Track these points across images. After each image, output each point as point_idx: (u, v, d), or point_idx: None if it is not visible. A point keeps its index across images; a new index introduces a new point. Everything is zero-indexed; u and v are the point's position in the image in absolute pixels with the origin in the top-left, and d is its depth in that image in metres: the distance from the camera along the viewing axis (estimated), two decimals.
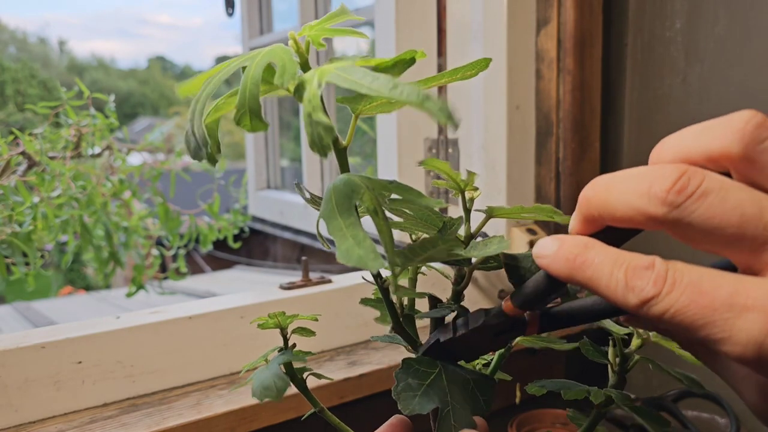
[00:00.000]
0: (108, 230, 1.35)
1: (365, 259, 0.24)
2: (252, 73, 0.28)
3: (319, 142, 0.25)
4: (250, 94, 0.27)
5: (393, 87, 0.25)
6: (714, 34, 0.82)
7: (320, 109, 0.26)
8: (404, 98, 0.24)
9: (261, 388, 0.36)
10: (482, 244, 0.31)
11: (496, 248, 0.30)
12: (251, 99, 0.27)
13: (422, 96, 0.24)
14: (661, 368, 0.35)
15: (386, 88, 0.25)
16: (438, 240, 0.28)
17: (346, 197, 0.27)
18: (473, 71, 0.31)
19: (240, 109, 0.27)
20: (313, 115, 0.25)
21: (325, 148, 0.25)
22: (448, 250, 0.29)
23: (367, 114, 0.34)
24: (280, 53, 0.28)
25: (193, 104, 0.30)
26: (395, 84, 0.25)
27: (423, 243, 0.28)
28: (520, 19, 0.91)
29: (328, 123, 0.25)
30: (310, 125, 0.25)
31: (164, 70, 30.45)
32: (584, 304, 0.30)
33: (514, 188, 0.94)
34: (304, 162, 1.69)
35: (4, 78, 12.70)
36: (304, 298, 0.76)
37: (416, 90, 0.25)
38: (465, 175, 0.34)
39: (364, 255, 0.24)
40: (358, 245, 0.25)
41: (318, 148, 0.25)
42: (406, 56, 0.31)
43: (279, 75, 0.27)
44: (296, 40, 0.29)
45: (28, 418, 0.61)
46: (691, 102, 0.85)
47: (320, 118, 0.25)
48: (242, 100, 0.27)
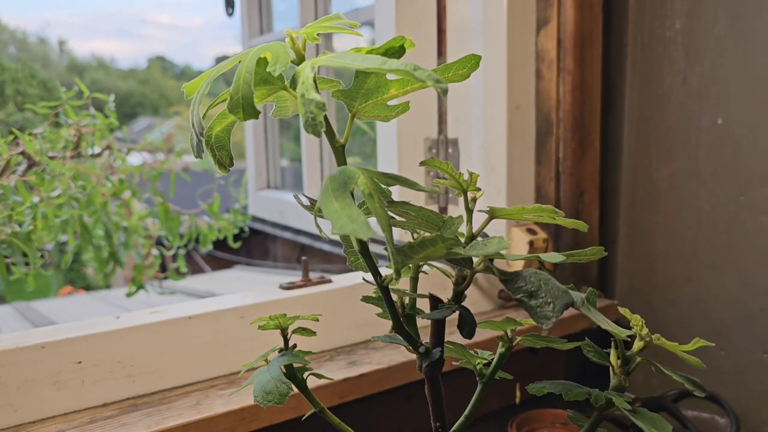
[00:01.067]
0: (108, 230, 1.35)
1: (357, 230, 0.25)
2: (247, 62, 0.29)
3: (312, 120, 0.26)
4: (244, 82, 0.28)
5: (383, 62, 0.26)
6: (714, 34, 0.82)
7: (312, 88, 0.27)
8: (394, 68, 0.26)
9: (263, 392, 0.36)
10: (482, 244, 0.31)
11: (496, 248, 0.30)
12: (245, 86, 0.28)
13: (411, 65, 0.26)
14: (662, 371, 0.35)
15: (377, 63, 0.26)
16: (438, 239, 0.28)
17: (342, 184, 0.28)
18: (465, 70, 0.32)
19: (234, 95, 0.28)
20: (306, 94, 0.27)
21: (318, 126, 0.26)
22: (448, 248, 0.29)
23: (365, 116, 0.34)
24: (275, 46, 0.29)
25: (193, 99, 0.30)
26: (384, 60, 0.27)
27: (423, 241, 0.28)
28: (520, 19, 0.91)
29: (321, 100, 0.26)
30: (304, 104, 0.26)
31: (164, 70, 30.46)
32: None
33: (514, 188, 0.94)
34: (304, 162, 1.69)
35: (4, 78, 12.69)
36: (304, 298, 0.76)
37: (404, 61, 0.26)
38: (467, 176, 0.34)
39: (357, 227, 0.25)
40: (352, 221, 0.26)
41: (311, 126, 0.26)
42: (395, 43, 0.31)
43: (272, 63, 0.28)
44: (292, 37, 0.30)
45: (28, 418, 0.60)
46: (691, 102, 0.85)
47: (312, 96, 0.26)
48: (236, 88, 0.28)
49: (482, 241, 0.31)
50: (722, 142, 0.82)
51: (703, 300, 0.86)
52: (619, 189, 0.97)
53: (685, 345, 0.34)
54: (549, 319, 0.30)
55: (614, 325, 0.34)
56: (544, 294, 0.31)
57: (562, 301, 0.31)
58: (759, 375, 0.81)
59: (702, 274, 0.86)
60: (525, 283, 0.31)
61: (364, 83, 0.32)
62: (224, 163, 0.33)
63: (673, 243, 0.89)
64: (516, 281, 0.31)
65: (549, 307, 0.30)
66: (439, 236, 0.28)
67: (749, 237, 0.80)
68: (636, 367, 0.36)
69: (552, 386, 0.37)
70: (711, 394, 0.85)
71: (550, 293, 0.31)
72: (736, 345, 0.83)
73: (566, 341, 0.40)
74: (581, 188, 0.95)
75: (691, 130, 0.86)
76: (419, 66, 0.26)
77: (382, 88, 0.33)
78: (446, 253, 0.29)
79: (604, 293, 1.00)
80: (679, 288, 0.89)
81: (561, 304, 0.30)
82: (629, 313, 0.36)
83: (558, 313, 0.30)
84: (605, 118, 0.96)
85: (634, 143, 0.94)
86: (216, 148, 0.33)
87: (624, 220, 0.96)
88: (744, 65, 0.79)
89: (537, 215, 0.34)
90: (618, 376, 0.36)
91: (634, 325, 0.35)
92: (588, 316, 0.33)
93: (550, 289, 0.31)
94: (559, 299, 0.31)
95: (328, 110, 0.27)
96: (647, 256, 0.93)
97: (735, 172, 0.81)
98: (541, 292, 0.31)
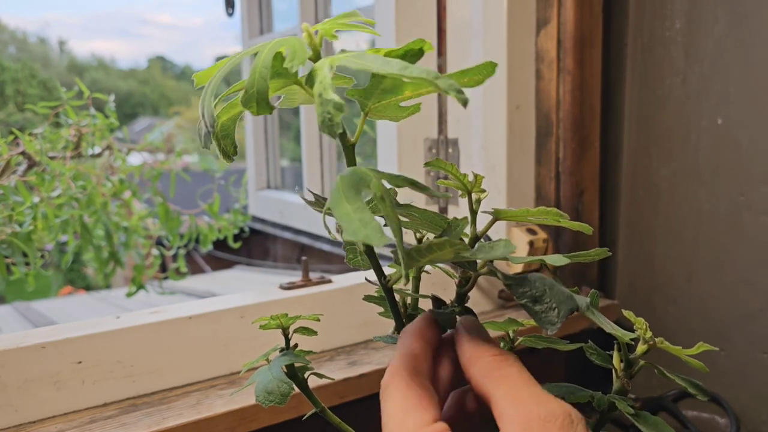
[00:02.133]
0: (108, 230, 1.35)
1: (371, 237, 0.25)
2: (263, 57, 0.28)
3: (329, 120, 0.26)
4: (260, 76, 0.27)
5: (404, 67, 0.26)
6: (714, 34, 0.82)
7: (331, 89, 0.26)
8: (416, 75, 0.25)
9: (265, 392, 0.36)
10: (488, 246, 0.31)
11: (503, 252, 0.30)
12: (260, 81, 0.27)
13: (433, 74, 0.25)
14: (666, 374, 0.35)
15: (398, 68, 0.26)
16: (446, 243, 0.28)
17: (354, 185, 0.27)
18: (481, 76, 0.31)
19: (249, 89, 0.27)
20: (324, 94, 0.26)
21: (334, 127, 0.26)
22: (456, 252, 0.29)
23: (376, 116, 0.34)
24: (292, 41, 0.29)
25: (204, 88, 0.30)
26: (406, 65, 0.26)
27: (431, 245, 0.28)
28: (520, 19, 0.90)
29: (339, 101, 0.26)
30: (321, 104, 0.26)
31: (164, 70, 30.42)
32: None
33: (514, 188, 0.94)
34: (304, 162, 1.69)
35: (4, 78, 12.68)
36: (304, 298, 0.76)
37: (426, 69, 0.25)
38: (471, 177, 0.34)
39: (370, 233, 0.25)
40: (365, 226, 0.25)
41: (327, 127, 0.26)
42: (415, 46, 0.31)
43: (289, 59, 0.28)
44: (309, 32, 0.30)
45: (28, 418, 0.60)
46: (691, 102, 0.85)
47: (331, 96, 0.26)
48: (251, 81, 0.27)
49: (488, 244, 0.31)
50: (722, 142, 0.82)
51: (704, 300, 0.86)
52: (619, 189, 0.97)
53: (689, 349, 0.34)
54: (554, 325, 0.30)
55: (618, 329, 0.34)
56: (548, 299, 0.30)
57: (567, 306, 0.30)
58: (759, 375, 0.81)
59: (702, 274, 0.86)
60: (530, 288, 0.31)
61: (380, 83, 0.32)
62: (228, 152, 0.33)
63: (673, 243, 0.89)
64: (521, 286, 0.31)
65: (554, 313, 0.30)
66: (448, 241, 0.28)
67: (749, 237, 0.80)
68: (639, 370, 0.36)
69: (554, 389, 0.37)
70: (711, 394, 0.85)
71: (555, 298, 0.31)
72: (736, 345, 0.83)
73: (568, 342, 0.40)
74: (581, 188, 0.95)
75: (691, 130, 0.86)
76: (440, 74, 0.25)
77: (397, 89, 0.32)
78: (453, 257, 0.29)
79: (604, 293, 1.00)
80: (679, 288, 0.89)
81: (566, 309, 0.30)
82: (633, 316, 0.36)
83: (563, 318, 0.30)
84: (605, 118, 0.96)
85: (634, 143, 0.94)
86: (222, 137, 0.32)
87: (624, 220, 0.96)
88: (744, 65, 0.79)
89: (542, 217, 0.33)
90: (621, 379, 0.36)
91: (638, 329, 0.35)
92: (593, 320, 0.33)
93: (555, 294, 0.31)
94: (564, 304, 0.30)
95: (345, 111, 0.26)
96: (647, 256, 0.93)
97: (735, 172, 0.81)
98: (546, 297, 0.31)
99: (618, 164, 0.96)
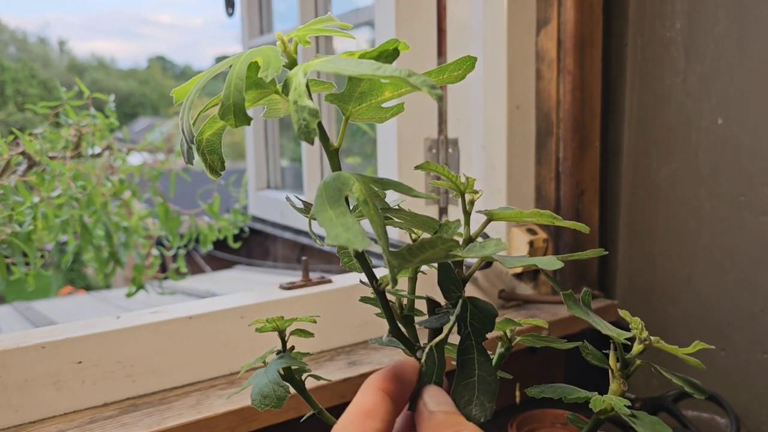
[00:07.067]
0: (108, 230, 1.35)
1: (352, 240, 0.24)
2: (237, 68, 0.28)
3: (305, 127, 0.26)
4: (235, 88, 0.27)
5: (377, 68, 0.26)
6: (714, 34, 0.82)
7: (305, 95, 0.26)
8: (388, 74, 0.25)
9: (260, 396, 0.36)
10: (480, 245, 0.31)
11: (494, 249, 0.30)
12: (236, 93, 0.27)
13: (406, 72, 0.25)
14: (662, 373, 0.35)
15: (370, 69, 0.26)
16: (437, 241, 0.28)
17: (337, 191, 0.27)
18: (460, 71, 0.31)
19: (225, 102, 0.27)
20: (299, 101, 0.26)
21: (311, 133, 0.26)
22: (447, 251, 0.29)
23: (359, 119, 0.34)
24: (266, 50, 0.29)
25: (183, 104, 0.30)
26: (379, 65, 0.26)
27: (421, 244, 0.28)
28: (520, 19, 0.90)
29: (313, 107, 0.26)
30: (297, 111, 0.26)
31: (164, 70, 30.43)
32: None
33: (514, 188, 0.94)
34: (304, 162, 1.69)
35: (4, 78, 12.69)
36: (304, 298, 0.76)
37: (399, 68, 0.25)
38: (464, 179, 0.34)
39: (351, 237, 0.25)
40: (347, 230, 0.25)
41: (304, 134, 0.26)
42: (389, 46, 0.31)
43: (263, 68, 0.27)
44: (283, 40, 0.30)
45: (28, 418, 0.61)
46: (691, 102, 0.85)
47: (306, 103, 0.26)
48: (227, 94, 0.27)
49: (480, 243, 0.31)
50: (722, 142, 0.82)
51: (703, 300, 0.86)
52: (619, 189, 0.97)
53: (686, 347, 0.34)
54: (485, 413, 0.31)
55: (612, 328, 0.34)
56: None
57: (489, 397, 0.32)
58: (759, 375, 0.81)
59: (702, 274, 0.86)
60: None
61: (357, 86, 0.32)
62: (216, 167, 0.33)
63: (673, 243, 0.89)
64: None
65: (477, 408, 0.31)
66: (439, 238, 0.28)
67: (749, 237, 0.80)
68: (635, 370, 0.36)
69: (551, 390, 0.37)
70: (711, 394, 0.85)
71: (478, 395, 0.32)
72: (736, 345, 0.83)
73: (565, 341, 0.40)
74: (581, 188, 0.95)
75: (691, 130, 0.86)
76: (413, 72, 0.25)
77: (376, 90, 0.32)
78: (445, 256, 0.29)
79: (604, 293, 1.00)
80: (679, 288, 0.89)
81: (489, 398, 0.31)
82: (629, 316, 0.36)
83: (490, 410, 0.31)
84: (605, 118, 0.96)
85: (634, 143, 0.94)
86: (207, 152, 0.32)
87: (624, 220, 0.96)
88: (744, 65, 0.79)
89: (535, 219, 0.33)
90: (617, 379, 0.36)
91: (634, 328, 0.35)
92: (586, 320, 0.33)
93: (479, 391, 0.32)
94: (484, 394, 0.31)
95: (321, 117, 0.26)
96: (647, 256, 0.93)
97: (735, 172, 0.81)
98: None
99: (618, 164, 0.96)
